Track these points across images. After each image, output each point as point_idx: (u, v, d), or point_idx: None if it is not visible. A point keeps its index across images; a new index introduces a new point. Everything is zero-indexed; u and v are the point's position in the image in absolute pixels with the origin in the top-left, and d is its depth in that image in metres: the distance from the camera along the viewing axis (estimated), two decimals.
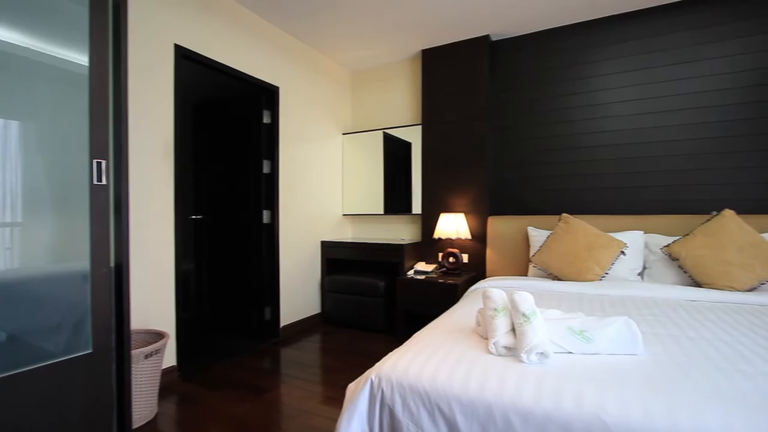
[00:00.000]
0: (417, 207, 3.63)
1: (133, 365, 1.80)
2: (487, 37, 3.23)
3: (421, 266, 3.26)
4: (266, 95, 3.16)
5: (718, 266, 2.25)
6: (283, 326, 3.25)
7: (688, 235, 2.42)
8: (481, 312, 1.47)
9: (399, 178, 3.78)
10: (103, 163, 1.40)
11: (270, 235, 3.18)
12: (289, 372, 2.57)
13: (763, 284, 2.20)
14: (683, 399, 0.98)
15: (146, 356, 1.91)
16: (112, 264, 1.46)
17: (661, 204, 2.81)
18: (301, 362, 2.72)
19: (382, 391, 1.24)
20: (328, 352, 2.94)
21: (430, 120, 3.49)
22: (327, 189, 3.81)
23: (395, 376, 1.25)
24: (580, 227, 2.63)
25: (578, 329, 1.28)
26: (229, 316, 3.37)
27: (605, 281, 2.46)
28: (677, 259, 2.39)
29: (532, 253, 2.84)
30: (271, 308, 3.20)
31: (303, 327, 3.47)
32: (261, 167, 3.15)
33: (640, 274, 2.57)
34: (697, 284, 2.32)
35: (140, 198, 2.24)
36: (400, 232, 3.83)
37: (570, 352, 1.27)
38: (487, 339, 1.37)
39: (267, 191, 3.17)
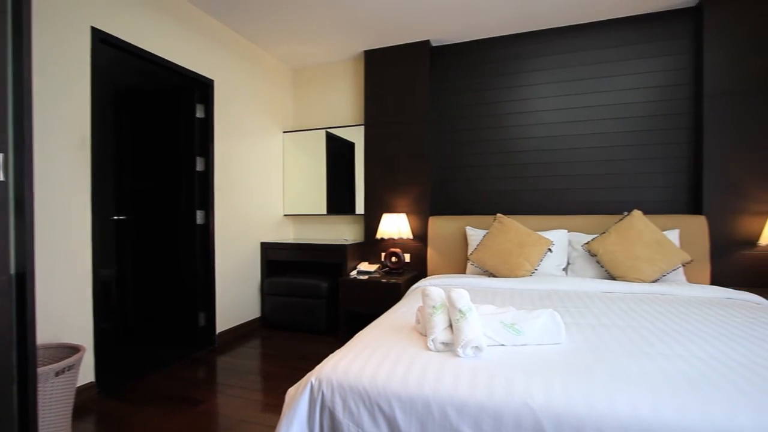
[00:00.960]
0: (360, 207, 3.63)
1: (40, 384, 1.60)
2: (427, 42, 3.33)
3: (364, 266, 3.27)
4: (200, 88, 2.98)
5: (628, 261, 2.51)
6: (220, 332, 3.08)
7: (604, 233, 2.67)
8: (420, 310, 1.51)
9: (342, 179, 3.76)
10: (0, 156, 1.23)
11: (204, 237, 3.00)
12: (225, 381, 2.44)
13: (664, 275, 2.50)
14: (598, 382, 1.08)
15: (57, 373, 1.71)
16: (13, 271, 1.29)
17: (582, 205, 3.08)
18: (238, 370, 2.60)
19: (323, 393, 1.22)
20: (269, 357, 2.84)
21: (373, 121, 3.51)
22: (267, 188, 3.69)
23: (336, 377, 1.24)
24: (512, 227, 2.80)
25: (509, 323, 1.36)
26: (158, 325, 3.13)
27: (535, 277, 2.64)
28: (595, 255, 2.63)
29: (469, 251, 2.97)
30: (205, 314, 3.02)
31: (241, 332, 3.32)
32: (194, 164, 2.96)
33: (565, 269, 2.80)
34: (612, 277, 2.58)
35: (50, 196, 2.00)
36: (343, 232, 3.81)
37: (502, 345, 1.35)
38: (426, 336, 1.41)
39: (201, 190, 2.99)
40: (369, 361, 1.29)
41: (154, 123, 3.13)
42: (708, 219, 2.71)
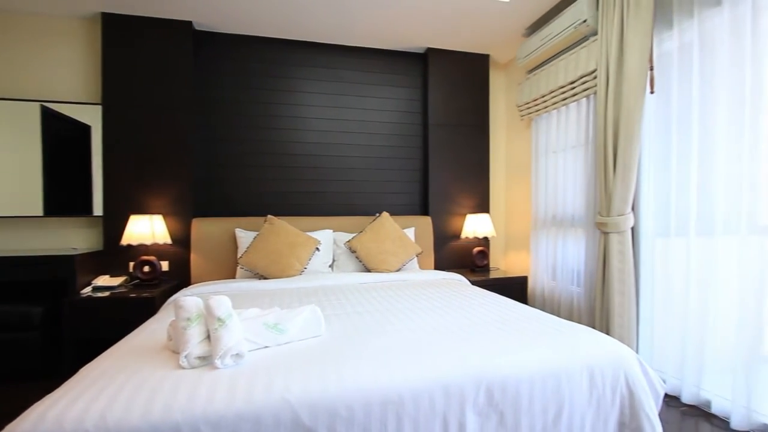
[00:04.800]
0: (98, 207, 2.91)
1: None
2: (189, 23, 2.98)
3: (104, 281, 2.64)
4: None
5: (379, 255, 2.96)
6: None
7: (362, 232, 3.06)
8: (173, 324, 1.33)
9: (71, 170, 2.92)
10: None
11: None
12: None
13: (404, 265, 3.08)
14: (348, 362, 1.22)
15: None
16: None
17: (345, 207, 3.44)
18: None
19: None
20: None
21: (118, 102, 2.88)
22: None
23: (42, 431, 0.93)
24: (283, 228, 2.84)
25: (273, 323, 1.36)
26: None
27: (304, 275, 2.76)
28: (355, 252, 2.99)
29: (239, 254, 2.84)
30: None
31: None
32: None
33: (331, 265, 3.05)
34: (368, 270, 2.98)
35: None
36: (72, 239, 2.96)
37: (266, 347, 1.34)
38: (179, 353, 1.24)
39: None
40: (98, 397, 1.04)
41: None
42: (432, 219, 3.51)
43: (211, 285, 2.49)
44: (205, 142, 3.16)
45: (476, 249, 3.44)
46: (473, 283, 2.99)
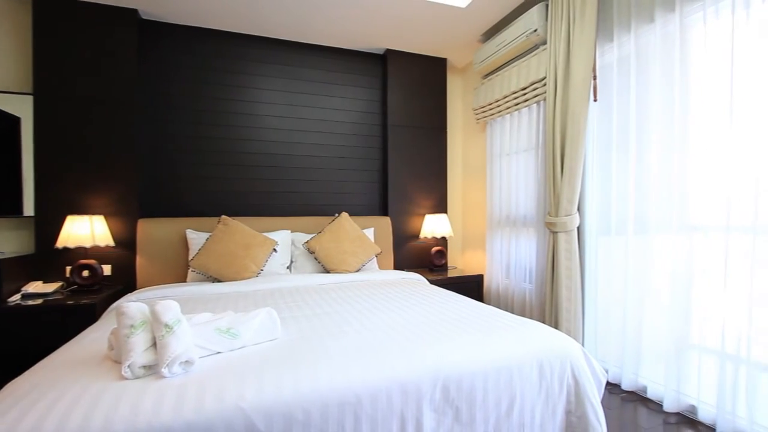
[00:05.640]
0: (29, 207, 2.66)
1: None
2: (134, 11, 2.80)
3: (37, 287, 2.42)
4: None
5: (338, 255, 2.94)
6: None
7: (320, 232, 3.02)
8: (114, 332, 1.24)
9: None
10: None
11: None
12: None
13: (364, 265, 3.07)
14: (304, 365, 1.20)
15: None
16: None
17: (303, 207, 3.38)
18: None
19: None
20: None
21: (52, 93, 2.65)
22: None
23: None
24: (238, 228, 2.75)
25: (225, 327, 1.31)
26: None
27: (260, 277, 2.68)
28: (314, 252, 2.94)
29: (190, 256, 2.71)
30: None
31: None
32: None
33: (289, 267, 2.98)
34: (327, 270, 2.95)
35: None
36: None
37: (218, 352, 1.28)
38: (121, 363, 1.16)
39: None
40: (28, 413, 0.96)
41: None
42: (391, 219, 3.54)
43: (158, 289, 2.35)
44: (154, 139, 2.98)
45: (434, 249, 3.50)
46: (431, 282, 3.04)
